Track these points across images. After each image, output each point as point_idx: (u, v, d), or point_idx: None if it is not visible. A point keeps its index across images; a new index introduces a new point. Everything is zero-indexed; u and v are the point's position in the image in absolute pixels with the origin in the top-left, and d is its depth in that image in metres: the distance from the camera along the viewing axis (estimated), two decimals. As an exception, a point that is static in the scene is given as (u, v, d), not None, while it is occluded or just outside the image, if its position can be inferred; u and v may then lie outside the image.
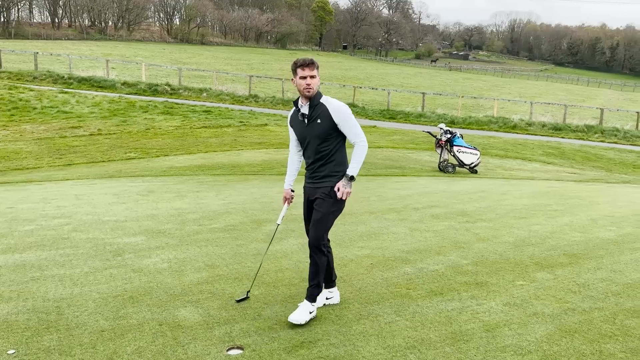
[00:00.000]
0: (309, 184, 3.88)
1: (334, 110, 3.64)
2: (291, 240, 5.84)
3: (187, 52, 67.76)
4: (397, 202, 8.25)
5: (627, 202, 8.22)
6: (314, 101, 3.65)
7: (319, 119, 3.62)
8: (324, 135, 3.65)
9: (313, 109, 3.66)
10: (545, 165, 17.12)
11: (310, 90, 3.59)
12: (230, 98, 26.39)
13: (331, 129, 3.64)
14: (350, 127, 3.67)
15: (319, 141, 3.67)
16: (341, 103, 3.71)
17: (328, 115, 3.62)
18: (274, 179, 10.49)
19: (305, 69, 3.57)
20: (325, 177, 3.74)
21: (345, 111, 3.65)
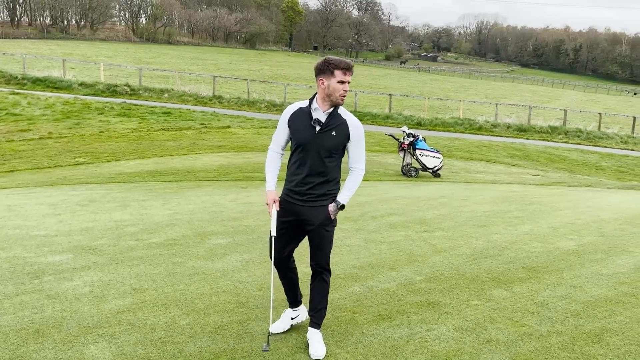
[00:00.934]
0: (299, 201, 3.37)
1: (353, 126, 3.29)
2: (235, 256, 5.37)
3: (152, 51, 66.30)
4: (355, 209, 7.88)
5: (588, 208, 8.05)
6: (335, 111, 3.26)
7: (334, 131, 3.23)
8: (332, 150, 3.25)
9: (331, 118, 3.24)
10: (510, 168, 17.07)
11: (344, 98, 3.21)
12: (193, 99, 25.68)
13: (343, 144, 3.28)
14: (360, 150, 3.37)
15: (326, 154, 3.25)
16: (359, 121, 3.37)
17: (346, 130, 3.25)
18: (230, 185, 10.00)
19: (347, 74, 3.18)
20: (322, 197, 3.35)
21: (362, 131, 3.35)
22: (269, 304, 4.18)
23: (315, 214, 3.34)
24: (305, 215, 3.36)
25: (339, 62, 3.18)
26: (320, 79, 3.22)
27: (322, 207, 3.34)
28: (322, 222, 3.35)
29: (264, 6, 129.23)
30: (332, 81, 3.17)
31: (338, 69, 3.15)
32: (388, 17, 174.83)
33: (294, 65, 73.81)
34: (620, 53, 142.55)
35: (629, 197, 9.49)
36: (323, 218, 3.35)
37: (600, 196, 9.45)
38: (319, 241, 3.39)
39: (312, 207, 3.33)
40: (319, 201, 3.34)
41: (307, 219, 3.35)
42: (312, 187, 3.31)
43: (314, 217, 3.34)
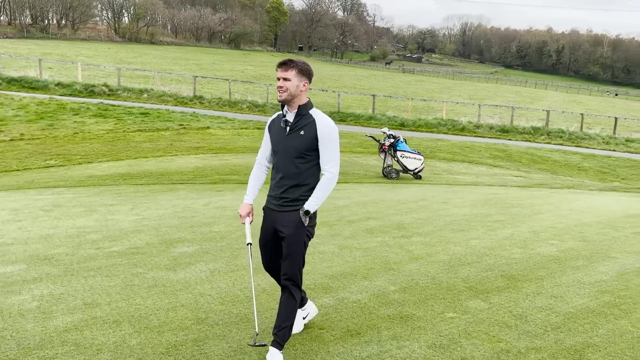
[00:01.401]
0: (274, 206, 3.33)
1: (322, 124, 3.17)
2: (200, 265, 5.07)
3: (134, 51, 65.43)
4: (333, 213, 7.61)
5: (569, 211, 7.87)
6: (302, 110, 3.20)
7: (303, 130, 3.17)
8: (302, 150, 3.17)
9: (299, 118, 3.20)
10: (492, 169, 16.95)
11: (282, 94, 3.14)
12: (173, 99, 25.22)
13: (313, 145, 3.18)
14: (329, 150, 3.19)
15: (296, 155, 3.18)
16: (331, 121, 3.25)
17: (314, 128, 3.16)
18: (204, 189, 9.67)
19: (278, 70, 3.16)
20: (294, 202, 3.24)
21: (332, 130, 3.19)
22: (231, 319, 3.91)
23: (286, 220, 3.24)
24: (278, 222, 3.28)
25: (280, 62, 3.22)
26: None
27: (294, 213, 3.22)
28: (293, 229, 3.22)
29: (249, 6, 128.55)
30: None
31: (276, 68, 3.19)
32: (373, 18, 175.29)
33: (279, 65, 73.37)
34: (602, 54, 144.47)
35: (611, 199, 9.36)
36: (294, 225, 3.22)
37: (582, 198, 9.31)
38: (288, 251, 3.25)
39: (284, 213, 3.25)
40: (291, 206, 3.23)
41: (280, 225, 3.27)
42: (285, 191, 3.24)
43: (285, 224, 3.24)
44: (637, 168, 19.75)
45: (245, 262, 5.20)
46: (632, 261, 5.35)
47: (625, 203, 8.79)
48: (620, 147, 24.78)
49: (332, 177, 3.21)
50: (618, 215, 7.55)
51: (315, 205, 3.21)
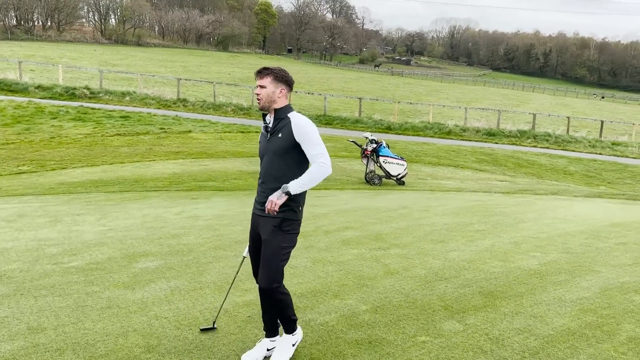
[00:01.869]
0: (258, 211, 3.34)
1: (295, 124, 3.19)
2: (161, 283, 4.77)
3: (120, 53, 64.75)
4: (309, 223, 7.33)
5: (553, 220, 7.66)
6: (280, 114, 3.26)
7: (280, 133, 3.22)
8: (281, 152, 3.20)
9: (277, 122, 3.26)
10: (477, 173, 16.78)
11: (259, 100, 3.25)
12: (156, 102, 24.81)
13: (290, 146, 3.18)
14: (310, 145, 3.15)
15: (275, 158, 3.22)
16: (306, 119, 3.24)
17: (290, 129, 3.19)
18: (179, 196, 9.35)
19: (256, 78, 3.26)
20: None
21: (306, 126, 3.18)
22: (185, 347, 3.61)
23: (265, 225, 3.23)
24: (260, 226, 3.29)
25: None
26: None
27: (273, 218, 3.19)
28: (270, 234, 3.20)
29: (237, 8, 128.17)
30: None
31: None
32: (362, 20, 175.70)
33: (267, 68, 73.00)
34: (589, 57, 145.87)
35: (596, 206, 9.18)
36: (272, 230, 3.19)
37: (567, 205, 9.11)
38: (264, 256, 3.22)
39: (264, 217, 3.24)
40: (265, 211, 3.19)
41: (260, 229, 3.28)
42: (267, 195, 3.23)
43: (264, 228, 3.24)
44: (622, 172, 19.71)
45: (209, 280, 4.91)
46: (615, 275, 5.13)
47: (610, 211, 8.61)
48: (607, 150, 24.79)
49: (323, 165, 3.11)
50: (603, 224, 7.35)
51: (298, 188, 3.11)
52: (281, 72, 3.23)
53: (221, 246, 6.03)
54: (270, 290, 3.19)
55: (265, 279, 3.18)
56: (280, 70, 3.23)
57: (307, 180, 3.12)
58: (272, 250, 3.17)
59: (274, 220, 3.18)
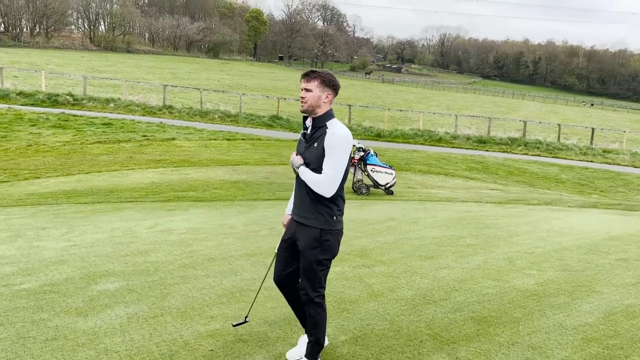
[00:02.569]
0: (296, 217, 3.30)
1: (330, 134, 3.12)
2: (118, 309, 4.28)
3: (108, 60, 64.10)
4: (290, 237, 6.86)
5: (548, 233, 7.25)
6: (319, 121, 3.19)
7: (317, 142, 3.16)
8: (317, 162, 3.13)
9: (315, 130, 3.20)
10: (468, 181, 16.42)
11: (303, 104, 3.15)
12: (141, 109, 24.28)
13: (323, 156, 3.14)
14: (330, 157, 3.09)
15: (315, 166, 3.15)
16: (344, 133, 3.14)
17: (325, 137, 3.13)
18: (154, 208, 8.85)
19: (302, 81, 3.18)
20: (312, 214, 3.18)
21: (338, 139, 3.10)
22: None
23: (304, 234, 3.20)
24: (297, 233, 3.26)
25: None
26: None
27: (312, 230, 3.16)
28: (308, 247, 3.17)
29: (228, 15, 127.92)
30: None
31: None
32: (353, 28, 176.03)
33: (257, 75, 72.75)
34: (578, 65, 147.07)
35: (591, 217, 8.80)
36: (310, 243, 3.16)
37: (561, 217, 8.72)
38: (303, 265, 3.23)
39: (304, 226, 3.21)
40: (309, 219, 3.17)
41: (298, 236, 3.25)
42: (303, 202, 3.22)
43: (302, 237, 3.21)
44: (615, 180, 19.44)
45: (172, 305, 4.43)
46: (619, 297, 4.71)
47: (606, 222, 8.22)
48: (598, 158, 24.57)
49: (326, 177, 3.07)
50: (600, 238, 6.95)
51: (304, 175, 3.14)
52: (329, 76, 3.16)
53: (191, 264, 5.55)
54: (311, 299, 3.22)
55: (307, 287, 3.22)
56: (328, 74, 3.16)
57: (308, 177, 3.12)
58: (310, 263, 3.18)
59: (313, 231, 3.16)
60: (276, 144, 19.76)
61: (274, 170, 14.11)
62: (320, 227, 3.15)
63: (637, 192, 17.94)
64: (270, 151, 17.84)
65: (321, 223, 3.16)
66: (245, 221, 7.86)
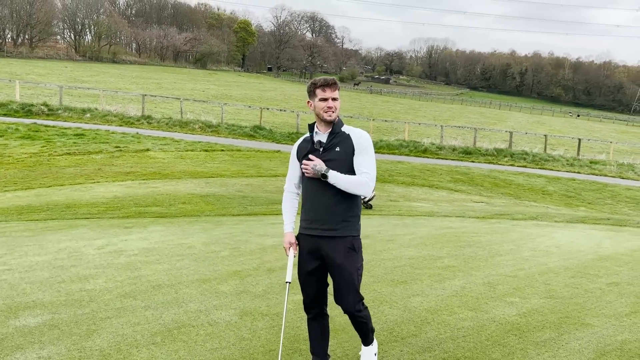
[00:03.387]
0: (316, 231, 3.15)
1: (357, 137, 3.12)
2: (30, 351, 3.63)
3: (92, 70, 63.28)
4: (252, 258, 6.26)
5: (532, 252, 6.70)
6: (337, 127, 3.15)
7: (338, 146, 3.10)
8: (342, 166, 3.08)
9: (333, 137, 3.13)
10: (453, 194, 15.91)
11: (333, 114, 3.10)
12: (118, 119, 23.58)
13: (352, 159, 3.10)
14: (365, 157, 3.10)
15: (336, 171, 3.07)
16: (365, 132, 3.20)
17: (350, 143, 3.11)
18: (111, 225, 8.19)
19: (326, 90, 3.09)
20: (341, 224, 3.11)
21: (368, 140, 3.15)
22: None
23: (336, 247, 3.10)
24: (326, 248, 3.12)
25: (318, 80, 3.13)
26: (308, 101, 3.21)
27: (345, 240, 3.10)
28: (345, 258, 3.10)
29: (216, 26, 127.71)
30: (315, 100, 3.13)
31: (317, 87, 3.10)
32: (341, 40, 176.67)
33: (244, 85, 72.29)
34: (564, 76, 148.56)
35: (579, 234, 8.28)
36: (345, 251, 3.10)
37: (547, 233, 8.19)
38: (345, 281, 3.13)
39: (335, 239, 3.09)
40: (339, 229, 3.09)
41: (329, 252, 3.12)
42: (327, 213, 3.09)
43: (336, 250, 3.10)
44: (602, 192, 19.07)
45: (96, 346, 3.79)
46: (612, 330, 4.14)
47: (595, 240, 7.70)
48: (585, 169, 24.25)
49: (368, 177, 3.06)
50: (589, 258, 6.41)
51: (335, 180, 3.02)
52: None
53: (132, 293, 4.92)
54: (358, 311, 3.21)
55: (352, 302, 3.17)
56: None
57: (348, 180, 3.02)
58: (350, 275, 3.11)
59: (345, 241, 3.09)
60: (256, 155, 19.17)
61: (250, 182, 13.50)
62: (351, 234, 3.12)
63: (625, 204, 17.56)
64: (249, 162, 17.24)
65: (351, 230, 3.12)
66: (207, 240, 7.24)
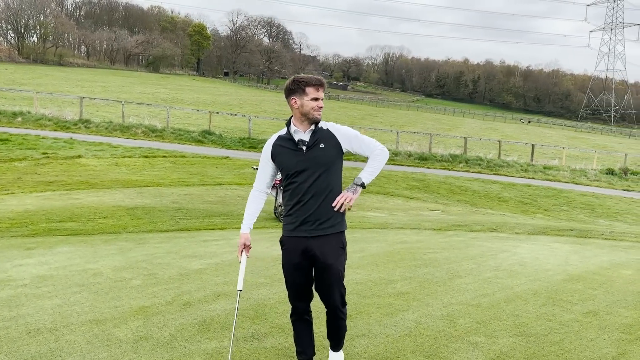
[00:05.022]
0: (303, 232, 3.04)
1: (337, 130, 3.13)
2: None
3: (35, 72, 60.02)
4: (168, 288, 5.20)
5: (495, 272, 5.90)
6: (317, 126, 3.10)
7: (322, 142, 3.05)
8: (329, 162, 3.06)
9: (316, 134, 3.07)
10: (408, 202, 15.21)
11: (320, 114, 3.08)
12: (53, 123, 21.83)
13: (338, 155, 3.10)
14: (362, 140, 3.15)
15: (323, 170, 3.04)
16: (342, 125, 3.22)
17: (333, 137, 3.09)
18: (10, 246, 6.92)
19: (320, 90, 3.06)
20: (337, 219, 3.07)
21: (350, 130, 3.16)
22: None
23: (328, 245, 3.05)
24: (316, 248, 3.04)
25: (309, 79, 3.08)
26: (292, 98, 3.10)
27: (335, 237, 3.07)
28: (336, 257, 3.07)
29: (169, 29, 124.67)
30: (305, 99, 3.06)
31: (310, 85, 3.05)
32: (299, 46, 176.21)
33: (198, 89, 70.35)
34: (515, 84, 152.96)
35: (543, 248, 7.58)
36: (338, 251, 3.08)
37: (509, 248, 7.45)
38: (334, 278, 3.09)
39: (325, 237, 3.04)
40: (329, 227, 3.04)
41: (319, 252, 3.04)
42: (314, 212, 3.02)
43: (328, 250, 3.05)
44: (557, 197, 18.85)
45: None
46: (601, 383, 3.31)
47: (561, 255, 7.00)
48: (539, 174, 24.19)
49: (384, 150, 3.17)
50: (559, 279, 5.65)
51: (370, 177, 3.13)
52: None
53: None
54: (343, 306, 3.20)
55: (339, 299, 3.16)
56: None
57: (377, 166, 3.15)
58: (338, 273, 3.09)
59: (337, 238, 3.07)
60: (202, 161, 17.95)
61: (190, 192, 12.33)
62: (344, 229, 3.11)
63: (580, 210, 17.34)
64: (193, 170, 16.02)
65: (342, 225, 3.11)
66: (120, 264, 6.10)
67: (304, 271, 3.13)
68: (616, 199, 19.88)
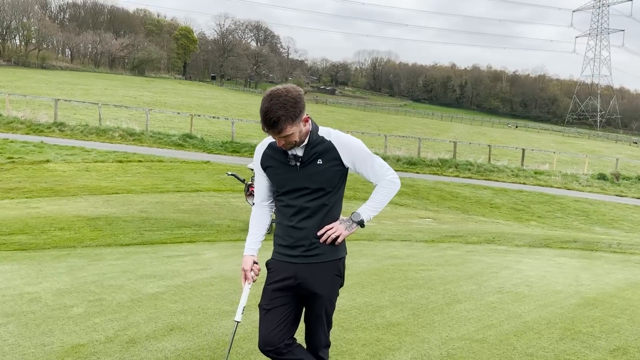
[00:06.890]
0: (295, 258, 2.60)
1: (341, 144, 2.55)
2: None
3: (14, 75, 58.57)
4: (113, 319, 4.35)
5: (499, 294, 5.11)
6: (312, 137, 2.54)
7: (320, 158, 2.53)
8: (326, 181, 2.55)
9: (311, 149, 2.54)
10: (397, 208, 14.45)
11: (289, 145, 2.50)
12: (25, 126, 20.81)
13: (338, 172, 2.57)
14: (369, 162, 2.60)
15: (319, 190, 2.54)
16: (349, 136, 2.62)
17: (334, 153, 2.54)
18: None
19: (273, 131, 2.45)
20: (324, 246, 2.58)
21: (358, 147, 2.57)
22: None
23: (320, 274, 2.59)
24: (306, 277, 2.59)
25: (262, 120, 2.46)
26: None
27: (330, 263, 2.60)
28: (330, 287, 2.61)
29: (155, 32, 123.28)
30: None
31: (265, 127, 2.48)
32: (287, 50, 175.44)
33: (183, 93, 69.23)
34: (501, 89, 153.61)
35: (548, 264, 6.84)
36: (332, 279, 2.61)
37: (510, 264, 6.69)
38: (322, 313, 2.64)
39: (317, 265, 2.58)
40: (332, 252, 2.60)
41: (308, 281, 2.59)
42: (306, 236, 2.56)
43: (320, 279, 2.59)
44: (550, 204, 18.23)
45: None
46: None
47: (570, 272, 6.26)
48: (530, 179, 23.61)
49: (394, 180, 2.65)
50: (572, 303, 4.89)
51: (371, 213, 2.67)
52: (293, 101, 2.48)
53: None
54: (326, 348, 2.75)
55: (323, 339, 2.71)
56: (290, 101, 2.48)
57: (382, 200, 2.67)
58: (331, 306, 2.68)
59: (333, 265, 2.60)
60: (180, 166, 17.05)
61: (162, 200, 11.45)
62: (340, 256, 2.65)
63: (575, 217, 16.72)
64: (170, 175, 15.12)
65: (340, 250, 2.65)
66: (65, 286, 5.23)
67: (285, 290, 2.61)
68: (610, 205, 19.32)
